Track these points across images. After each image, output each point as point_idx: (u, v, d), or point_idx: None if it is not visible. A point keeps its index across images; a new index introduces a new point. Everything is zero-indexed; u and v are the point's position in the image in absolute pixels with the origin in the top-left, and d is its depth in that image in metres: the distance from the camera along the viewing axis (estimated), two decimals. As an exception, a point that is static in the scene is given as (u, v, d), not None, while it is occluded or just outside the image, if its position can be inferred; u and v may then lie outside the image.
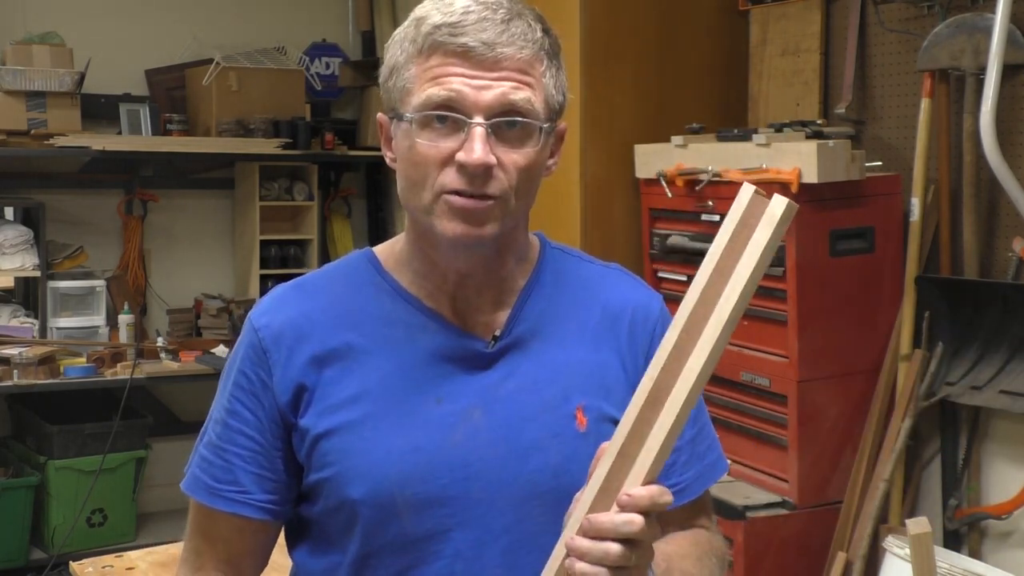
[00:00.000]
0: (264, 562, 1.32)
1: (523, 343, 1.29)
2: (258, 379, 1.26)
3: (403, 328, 1.27)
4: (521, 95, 1.18)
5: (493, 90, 1.17)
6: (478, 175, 1.17)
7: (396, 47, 1.24)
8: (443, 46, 1.18)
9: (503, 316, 1.29)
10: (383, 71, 1.25)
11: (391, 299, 1.29)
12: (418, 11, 1.23)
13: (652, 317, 1.36)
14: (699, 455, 1.37)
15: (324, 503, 1.25)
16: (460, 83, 1.17)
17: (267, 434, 1.26)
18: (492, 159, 1.17)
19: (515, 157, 1.19)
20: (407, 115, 1.20)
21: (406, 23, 1.24)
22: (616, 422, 1.30)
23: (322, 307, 1.29)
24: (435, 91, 1.17)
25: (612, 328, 1.33)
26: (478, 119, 1.17)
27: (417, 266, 1.29)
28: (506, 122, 1.18)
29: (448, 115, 1.18)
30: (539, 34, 1.21)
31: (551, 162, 1.28)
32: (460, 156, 1.17)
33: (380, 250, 1.35)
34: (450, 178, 1.18)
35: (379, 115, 1.28)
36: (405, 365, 1.26)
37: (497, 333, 1.29)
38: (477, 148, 1.16)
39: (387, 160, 1.28)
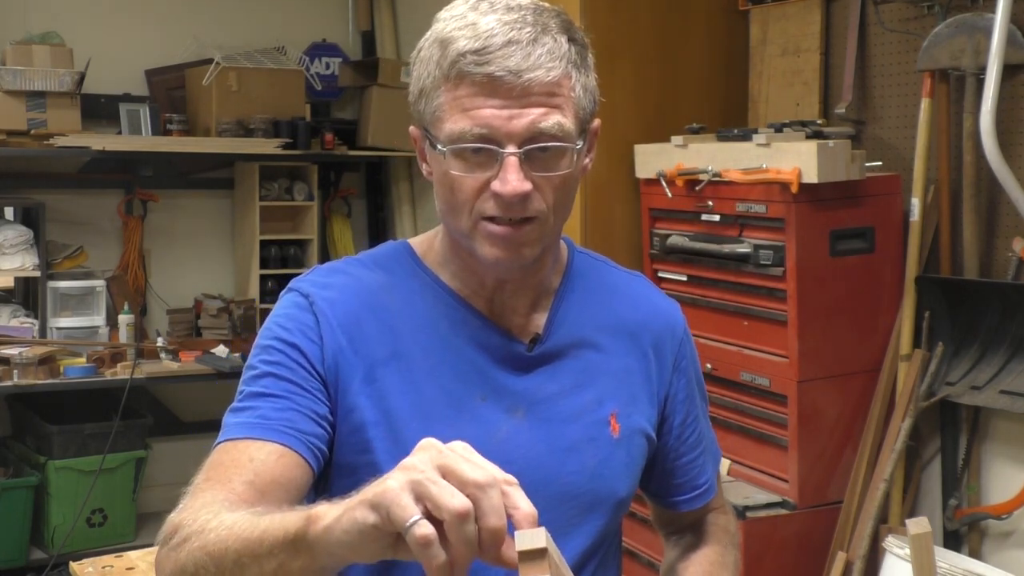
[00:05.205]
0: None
1: (561, 348, 1.32)
2: (307, 339, 1.24)
3: (447, 323, 1.29)
4: (551, 121, 1.18)
5: (524, 118, 1.17)
6: (515, 203, 1.18)
7: (422, 67, 1.22)
8: (470, 76, 1.16)
9: (539, 319, 1.32)
10: (412, 89, 1.24)
11: (434, 293, 1.30)
12: (442, 30, 1.20)
13: (678, 329, 1.41)
14: (714, 454, 1.48)
15: (359, 486, 1.24)
16: (490, 115, 1.16)
17: (316, 391, 1.23)
18: (527, 186, 1.18)
19: (551, 178, 1.20)
20: (440, 146, 1.20)
21: (430, 38, 1.22)
22: (645, 434, 1.36)
23: (368, 290, 1.29)
24: (466, 126, 1.17)
25: (638, 337, 1.37)
26: (511, 148, 1.17)
27: (455, 268, 1.31)
28: (538, 148, 1.18)
29: (481, 147, 1.17)
30: (565, 47, 1.19)
31: (587, 160, 1.28)
32: (495, 186, 1.17)
33: (417, 243, 1.36)
34: (488, 205, 1.19)
35: (412, 128, 1.28)
36: (449, 360, 1.27)
37: (536, 336, 1.31)
38: (512, 179, 1.17)
39: (424, 172, 1.28)
